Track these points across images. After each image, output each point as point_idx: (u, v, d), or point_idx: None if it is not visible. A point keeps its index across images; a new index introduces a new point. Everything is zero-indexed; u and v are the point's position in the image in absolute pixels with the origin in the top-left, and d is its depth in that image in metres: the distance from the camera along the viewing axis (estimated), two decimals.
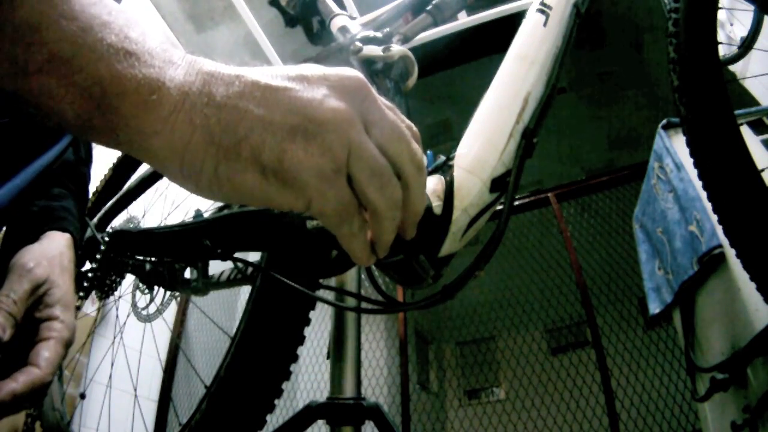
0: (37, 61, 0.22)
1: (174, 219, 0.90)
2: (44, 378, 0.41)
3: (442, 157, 0.52)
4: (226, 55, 3.32)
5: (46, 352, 0.42)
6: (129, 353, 1.24)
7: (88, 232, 0.86)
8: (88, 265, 0.85)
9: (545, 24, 0.58)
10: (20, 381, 0.39)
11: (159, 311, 0.92)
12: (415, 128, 0.32)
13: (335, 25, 0.86)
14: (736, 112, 0.85)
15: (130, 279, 0.89)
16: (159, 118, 0.24)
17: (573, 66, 3.51)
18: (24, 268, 0.45)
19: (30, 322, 0.44)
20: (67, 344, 0.45)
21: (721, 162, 0.75)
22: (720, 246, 1.09)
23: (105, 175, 1.09)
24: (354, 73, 0.29)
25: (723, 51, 1.45)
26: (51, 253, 0.49)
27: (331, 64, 0.75)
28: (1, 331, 0.39)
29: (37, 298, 0.45)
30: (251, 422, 0.63)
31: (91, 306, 1.55)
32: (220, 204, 0.69)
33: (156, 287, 0.86)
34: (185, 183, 0.26)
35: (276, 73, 0.27)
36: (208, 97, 0.25)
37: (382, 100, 0.30)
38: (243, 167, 0.25)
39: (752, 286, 0.73)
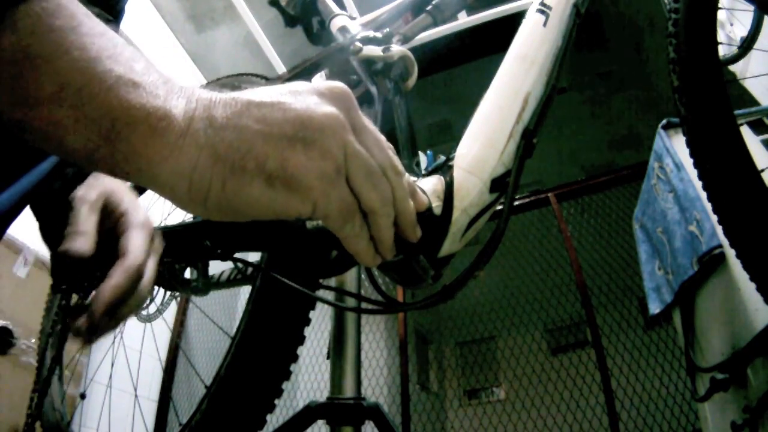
0: (48, 91, 0.23)
1: (174, 219, 0.90)
2: (137, 261, 0.41)
3: (442, 157, 0.52)
4: (226, 55, 3.32)
5: (132, 240, 0.43)
6: (129, 353, 1.24)
7: None
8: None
9: (545, 24, 0.58)
10: (116, 274, 0.39)
11: (159, 311, 0.92)
12: (386, 141, 0.34)
13: (335, 25, 0.86)
14: (736, 112, 0.85)
15: None
16: (168, 144, 0.25)
17: (573, 66, 3.51)
18: (88, 184, 0.46)
19: (108, 235, 0.44)
20: (149, 229, 0.45)
21: (721, 162, 0.75)
22: (720, 246, 1.09)
23: None
24: (339, 84, 0.31)
25: (723, 51, 1.45)
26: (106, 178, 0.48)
27: (332, 64, 0.75)
28: (83, 245, 0.40)
29: (109, 208, 0.45)
30: (251, 422, 0.63)
31: None
32: None
33: (156, 287, 0.86)
34: (193, 205, 0.27)
35: (268, 91, 0.29)
36: (210, 120, 0.26)
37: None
38: (250, 179, 0.27)
39: (752, 286, 0.73)
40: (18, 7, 0.23)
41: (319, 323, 2.70)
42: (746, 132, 1.24)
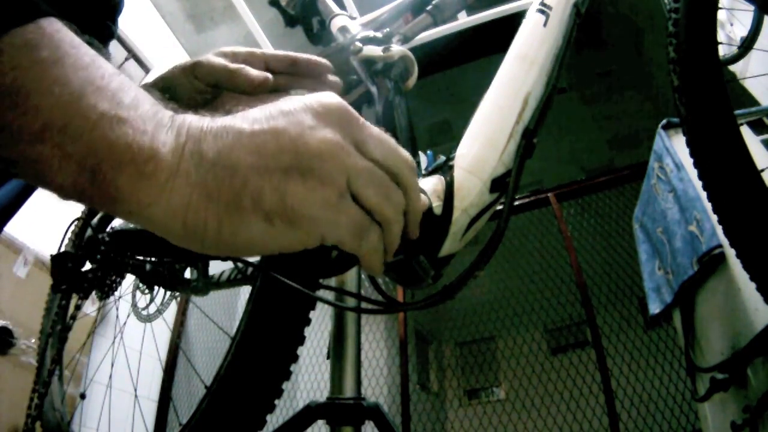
0: (31, 130, 0.22)
1: None
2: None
3: (442, 157, 0.52)
4: None
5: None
6: (129, 353, 1.24)
7: (89, 232, 0.86)
8: (88, 266, 0.85)
9: (545, 24, 0.58)
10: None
11: (159, 311, 0.92)
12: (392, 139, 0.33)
13: (335, 25, 0.86)
14: (736, 112, 0.85)
15: (130, 279, 0.89)
16: (157, 186, 0.24)
17: (573, 66, 3.51)
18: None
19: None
20: None
21: (721, 162, 0.75)
22: (720, 246, 1.09)
23: None
24: (333, 97, 0.29)
25: (723, 51, 1.45)
26: None
27: (332, 64, 0.75)
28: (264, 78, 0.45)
29: None
30: (251, 422, 0.63)
31: (91, 306, 1.55)
32: None
33: (156, 287, 0.86)
34: (190, 244, 0.26)
35: (259, 114, 0.27)
36: (201, 155, 0.25)
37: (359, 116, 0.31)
38: (247, 219, 0.25)
39: (752, 286, 0.73)
40: (0, 39, 0.21)
41: (319, 323, 2.69)
42: (746, 132, 1.24)
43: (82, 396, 1.49)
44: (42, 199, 0.58)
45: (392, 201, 0.29)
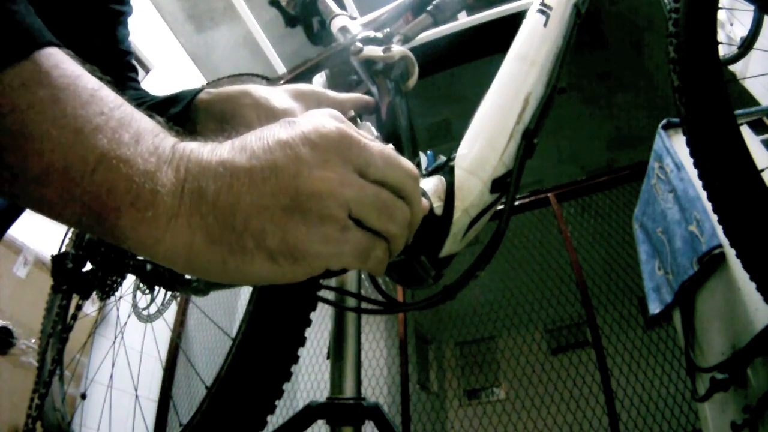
0: (34, 173, 0.22)
1: None
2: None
3: (443, 158, 0.52)
4: (226, 55, 3.32)
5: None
6: (129, 353, 1.24)
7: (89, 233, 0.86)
8: (88, 266, 0.85)
9: (545, 24, 0.58)
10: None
11: (160, 311, 0.92)
12: (392, 146, 0.33)
13: (335, 25, 0.86)
14: (736, 112, 0.85)
15: (131, 279, 0.89)
16: (158, 228, 0.24)
17: (573, 66, 3.51)
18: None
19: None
20: None
21: (721, 162, 0.75)
22: (720, 246, 1.09)
23: None
24: (331, 123, 0.28)
25: (723, 51, 1.45)
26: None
27: (332, 64, 0.75)
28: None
29: None
30: (252, 423, 0.63)
31: (91, 306, 1.55)
32: None
33: (157, 287, 0.86)
34: (197, 276, 0.27)
35: (257, 146, 0.26)
36: (201, 196, 0.25)
37: (359, 132, 0.30)
38: (250, 258, 0.25)
39: (752, 286, 0.73)
40: None
41: (319, 323, 2.69)
42: (746, 132, 1.24)
43: (83, 396, 1.49)
44: None
45: (396, 219, 0.29)
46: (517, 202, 2.15)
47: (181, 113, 0.50)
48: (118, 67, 0.71)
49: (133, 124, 0.25)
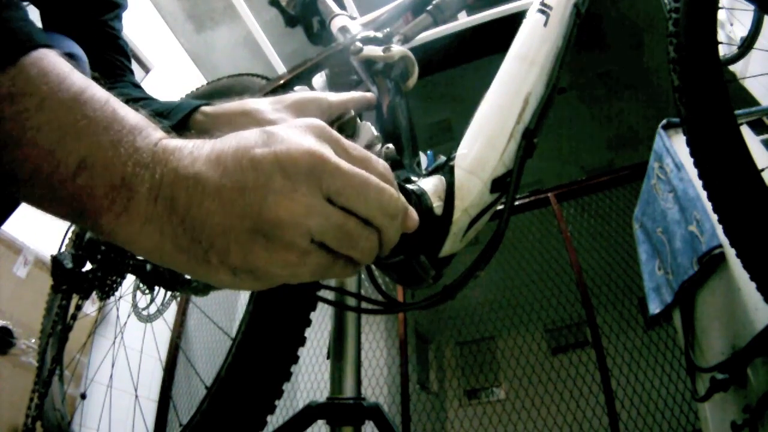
0: (22, 176, 0.24)
1: None
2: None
3: (443, 157, 0.52)
4: (226, 55, 3.32)
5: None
6: (129, 353, 1.24)
7: (89, 233, 0.86)
8: (88, 266, 0.85)
9: (545, 24, 0.58)
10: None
11: (160, 311, 0.92)
12: (383, 163, 0.32)
13: (335, 25, 0.86)
14: (736, 112, 0.85)
15: (130, 279, 0.89)
16: (133, 230, 0.26)
17: (573, 66, 3.51)
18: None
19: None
20: None
21: (721, 162, 0.75)
22: (720, 246, 1.09)
23: None
24: (307, 143, 0.27)
25: (723, 51, 1.45)
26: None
27: (332, 64, 0.75)
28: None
29: None
30: (252, 423, 0.63)
31: (91, 306, 1.55)
32: None
33: (156, 287, 0.86)
34: (173, 269, 0.29)
35: (231, 162, 0.27)
36: (172, 206, 0.26)
37: (345, 146, 0.30)
38: (215, 270, 0.27)
39: (752, 286, 0.73)
40: None
41: (319, 323, 2.70)
42: (746, 132, 1.24)
43: (83, 396, 1.49)
44: None
45: (360, 246, 0.29)
46: (517, 202, 2.15)
47: (175, 128, 0.49)
48: (114, 61, 0.72)
49: (115, 125, 0.26)
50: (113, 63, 0.71)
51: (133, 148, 0.26)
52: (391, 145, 0.48)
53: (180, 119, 0.48)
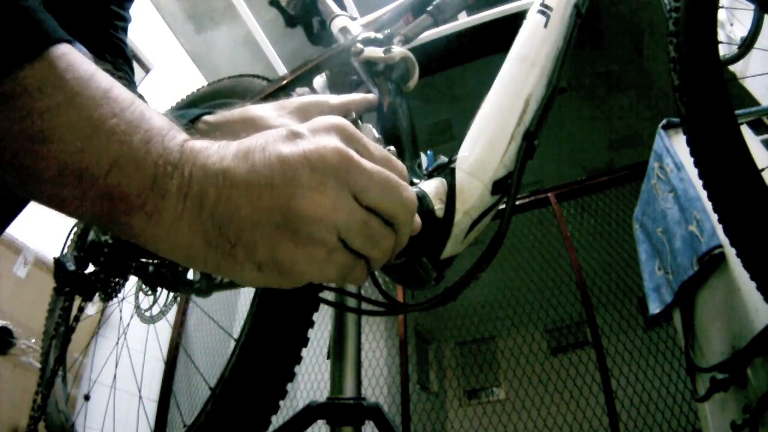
0: (50, 174, 0.23)
1: None
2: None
3: (443, 158, 0.52)
4: (226, 55, 3.32)
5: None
6: (131, 354, 1.24)
7: (91, 235, 0.86)
8: (91, 267, 0.85)
9: (546, 25, 0.58)
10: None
11: (162, 312, 0.92)
12: (400, 163, 0.32)
13: (336, 25, 0.86)
14: (736, 112, 0.85)
15: (133, 281, 0.89)
16: (163, 228, 0.26)
17: (573, 66, 3.51)
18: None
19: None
20: None
21: (721, 161, 0.75)
22: (720, 246, 1.09)
23: None
24: (333, 143, 0.28)
25: (723, 51, 1.45)
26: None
27: (333, 65, 0.75)
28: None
29: None
30: (256, 423, 0.63)
31: (92, 308, 1.55)
32: None
33: (159, 289, 0.86)
34: (196, 269, 0.29)
35: (259, 158, 0.27)
36: (201, 201, 0.26)
37: (367, 145, 0.30)
38: (240, 266, 0.27)
39: (752, 286, 0.73)
40: (14, 80, 0.22)
41: (320, 324, 2.70)
42: (746, 132, 1.24)
43: (86, 397, 1.49)
44: None
45: (380, 246, 0.29)
46: (517, 203, 2.14)
47: None
48: (119, 69, 0.72)
49: (143, 125, 0.26)
50: (119, 70, 0.72)
51: (163, 147, 0.26)
52: (392, 147, 0.48)
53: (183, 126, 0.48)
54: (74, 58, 0.24)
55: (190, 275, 0.81)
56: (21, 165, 0.23)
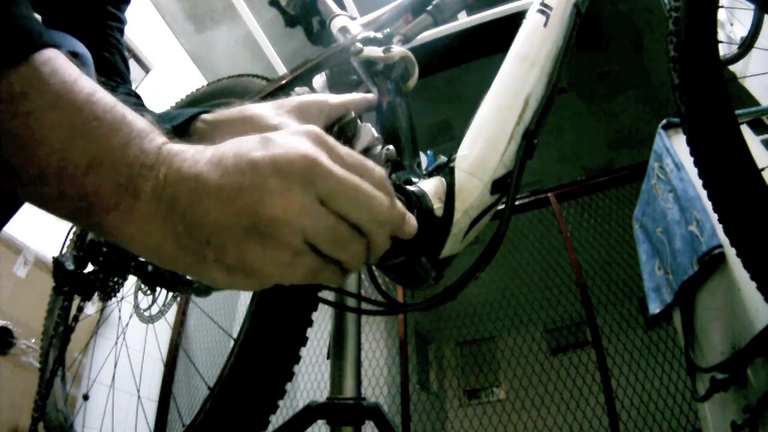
0: (32, 172, 0.24)
1: None
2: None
3: (443, 158, 0.52)
4: (226, 55, 3.32)
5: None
6: (130, 354, 1.24)
7: (91, 235, 0.86)
8: (90, 267, 0.85)
9: (545, 24, 0.58)
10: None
11: (162, 312, 0.92)
12: (378, 171, 0.32)
13: (335, 25, 0.86)
14: (736, 111, 0.85)
15: (132, 280, 0.89)
16: (136, 229, 0.27)
17: (573, 66, 3.51)
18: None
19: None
20: None
21: (721, 161, 0.75)
22: (720, 246, 1.09)
23: None
24: (303, 147, 0.28)
25: (723, 51, 1.45)
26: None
27: (332, 65, 0.75)
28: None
29: None
30: (255, 422, 0.63)
31: (91, 307, 1.55)
32: None
33: (158, 288, 0.86)
34: (168, 269, 0.29)
35: (231, 163, 0.28)
36: (173, 204, 0.27)
37: (340, 152, 0.30)
38: (209, 267, 0.28)
39: (752, 286, 0.73)
40: (0, 84, 0.23)
41: (320, 323, 2.70)
42: (746, 132, 1.24)
43: (85, 397, 1.49)
44: None
45: (350, 250, 0.30)
46: (517, 202, 2.15)
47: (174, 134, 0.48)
48: (115, 67, 0.72)
49: (124, 128, 0.27)
50: (115, 69, 0.72)
51: (140, 150, 0.27)
52: (391, 147, 0.48)
53: (180, 124, 0.47)
54: (59, 63, 0.26)
55: None
56: (6, 164, 0.24)
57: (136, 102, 0.63)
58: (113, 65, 0.71)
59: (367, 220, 0.30)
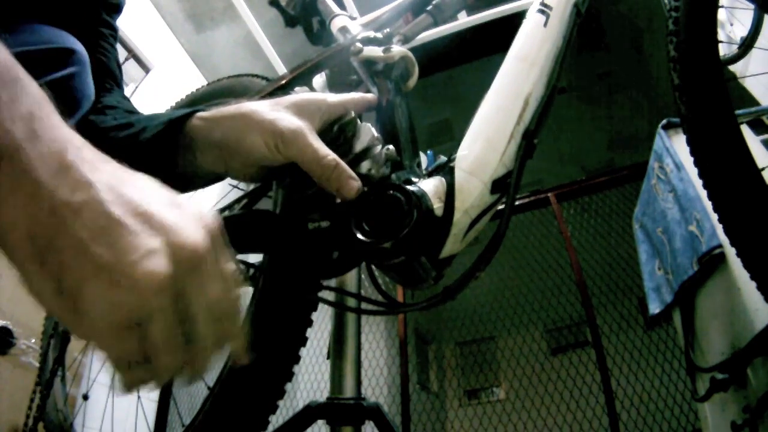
0: None
1: None
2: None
3: (443, 158, 0.52)
4: (226, 55, 3.33)
5: None
6: None
7: None
8: None
9: (545, 24, 0.58)
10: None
11: None
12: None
13: (335, 25, 0.86)
14: (736, 111, 0.85)
15: None
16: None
17: (573, 66, 3.51)
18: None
19: None
20: None
21: (721, 161, 0.75)
22: (720, 246, 1.09)
23: None
24: (197, 231, 0.26)
25: (723, 51, 1.45)
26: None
27: (332, 64, 0.75)
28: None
29: None
30: (254, 423, 0.63)
31: None
32: (220, 206, 0.69)
33: None
34: None
35: (130, 200, 0.25)
36: (55, 190, 0.24)
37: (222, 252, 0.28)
38: (43, 278, 0.25)
39: (752, 285, 0.73)
40: None
41: (320, 323, 2.70)
42: (746, 132, 1.24)
43: (85, 397, 1.49)
44: None
45: (176, 359, 0.26)
46: (517, 202, 2.15)
47: (163, 140, 0.46)
48: (108, 70, 0.72)
49: (48, 132, 0.24)
50: (110, 73, 0.72)
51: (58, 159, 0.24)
52: (391, 146, 0.48)
53: (173, 123, 0.47)
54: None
55: None
56: None
57: (128, 107, 0.63)
58: (108, 69, 0.71)
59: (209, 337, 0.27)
